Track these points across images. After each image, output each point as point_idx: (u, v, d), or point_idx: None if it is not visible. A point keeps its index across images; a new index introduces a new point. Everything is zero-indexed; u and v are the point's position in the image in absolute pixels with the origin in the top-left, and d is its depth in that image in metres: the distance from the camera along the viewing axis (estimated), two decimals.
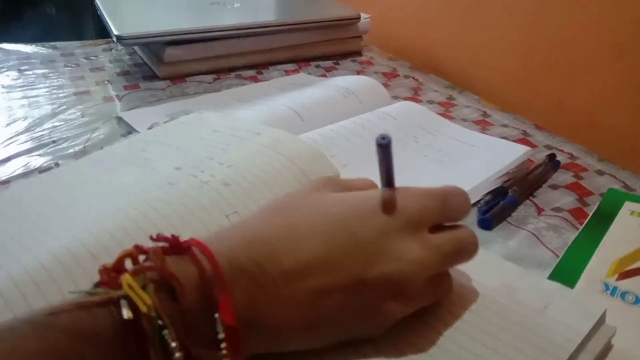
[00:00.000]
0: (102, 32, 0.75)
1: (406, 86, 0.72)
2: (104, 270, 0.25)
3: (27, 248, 0.34)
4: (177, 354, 0.22)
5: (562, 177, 0.52)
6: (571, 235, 0.43)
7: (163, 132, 0.50)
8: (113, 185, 0.41)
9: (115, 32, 0.66)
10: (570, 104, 0.70)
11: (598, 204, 0.47)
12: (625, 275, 0.38)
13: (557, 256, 0.40)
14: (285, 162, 0.43)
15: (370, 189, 0.32)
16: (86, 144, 0.53)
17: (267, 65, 0.75)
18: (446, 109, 0.66)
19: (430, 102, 0.68)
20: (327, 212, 0.29)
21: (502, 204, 0.45)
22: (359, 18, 0.80)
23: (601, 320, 0.30)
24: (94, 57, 0.75)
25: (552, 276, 0.38)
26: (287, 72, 0.74)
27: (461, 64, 0.84)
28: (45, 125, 0.56)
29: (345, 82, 0.64)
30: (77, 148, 0.52)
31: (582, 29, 0.66)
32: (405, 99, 0.66)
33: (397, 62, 0.81)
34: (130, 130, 0.56)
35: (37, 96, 0.63)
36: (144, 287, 0.23)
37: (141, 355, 0.22)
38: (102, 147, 0.51)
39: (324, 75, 0.74)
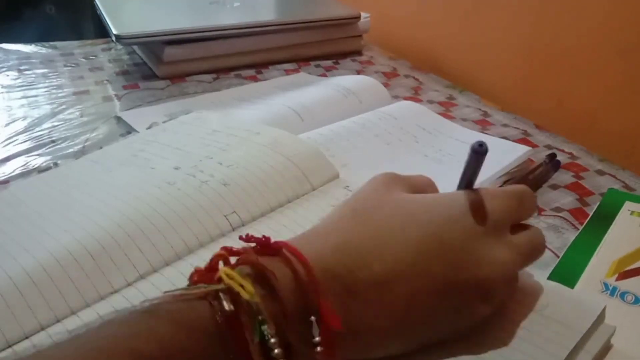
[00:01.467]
0: (102, 31, 0.75)
1: (406, 86, 0.72)
2: (196, 272, 0.24)
3: (26, 248, 0.34)
4: (277, 350, 0.22)
5: (563, 177, 0.52)
6: (571, 235, 0.43)
7: (162, 131, 0.50)
8: (112, 185, 0.41)
9: (114, 31, 0.65)
10: (571, 104, 0.70)
11: (598, 204, 0.47)
12: (625, 275, 0.38)
13: (557, 256, 0.40)
14: (285, 162, 0.43)
15: (430, 185, 0.34)
16: (85, 144, 0.53)
17: (266, 64, 0.75)
18: (446, 109, 0.66)
19: (430, 101, 0.68)
20: (414, 216, 0.28)
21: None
22: (359, 17, 0.80)
23: (600, 319, 0.30)
24: (93, 57, 0.75)
25: (552, 276, 0.38)
26: (286, 72, 0.74)
27: (462, 63, 0.84)
28: (45, 125, 0.56)
29: (345, 82, 0.64)
30: (76, 148, 0.52)
31: (583, 29, 0.66)
32: (406, 98, 0.66)
33: (397, 62, 0.81)
34: (129, 130, 0.56)
35: (36, 96, 0.62)
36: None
37: (240, 349, 0.22)
38: (101, 147, 0.51)
39: (324, 75, 0.74)
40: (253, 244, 0.26)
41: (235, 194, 0.39)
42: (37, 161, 0.50)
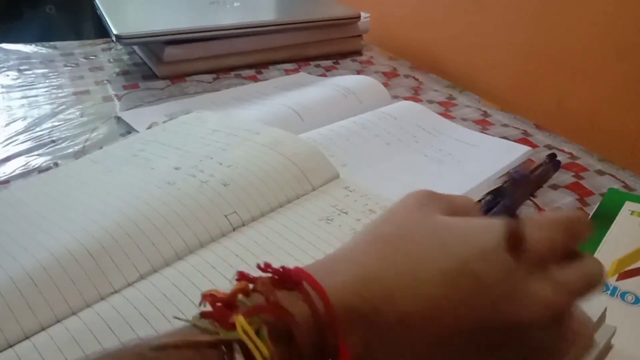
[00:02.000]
0: (102, 31, 0.75)
1: (406, 86, 0.72)
2: (210, 297, 0.23)
3: (27, 248, 0.34)
4: None
5: (563, 177, 0.52)
6: None
7: (162, 131, 0.50)
8: (112, 185, 0.41)
9: (114, 31, 0.65)
10: (571, 104, 0.70)
11: (598, 204, 0.47)
12: (626, 275, 0.38)
13: None
14: (285, 162, 0.43)
15: (473, 209, 0.30)
16: (85, 144, 0.53)
17: (266, 64, 0.75)
18: (446, 109, 0.66)
19: (430, 101, 0.68)
20: (446, 247, 0.26)
21: (502, 204, 0.45)
22: (359, 17, 0.80)
23: (601, 320, 0.30)
24: (93, 57, 0.75)
25: None
26: (286, 72, 0.74)
27: (462, 63, 0.84)
28: (45, 125, 0.56)
29: (345, 82, 0.64)
30: (76, 148, 0.52)
31: (583, 29, 0.66)
32: (406, 98, 0.66)
33: (397, 62, 0.81)
34: (129, 130, 0.56)
35: (36, 96, 0.62)
36: (257, 331, 0.21)
37: None
38: (101, 147, 0.51)
39: (324, 75, 0.74)
40: (270, 274, 0.24)
41: (235, 194, 0.39)
42: (37, 161, 0.50)
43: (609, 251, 0.40)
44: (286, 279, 0.24)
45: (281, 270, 0.24)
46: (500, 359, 0.25)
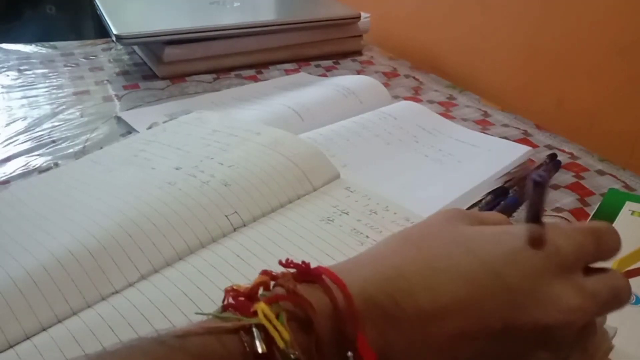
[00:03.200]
0: (102, 31, 0.75)
1: (406, 86, 0.72)
2: (232, 292, 0.23)
3: (27, 248, 0.34)
4: None
5: (563, 177, 0.52)
6: None
7: (162, 132, 0.50)
8: (112, 185, 0.41)
9: (114, 31, 0.65)
10: (571, 104, 0.70)
11: (599, 204, 0.47)
12: (626, 275, 0.37)
13: None
14: (285, 162, 0.43)
15: (507, 224, 0.30)
16: (86, 144, 0.53)
17: (266, 64, 0.75)
18: (447, 109, 0.66)
19: (430, 101, 0.68)
20: (469, 248, 0.26)
21: (503, 204, 0.45)
22: (359, 17, 0.80)
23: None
24: (93, 57, 0.75)
25: None
26: (287, 72, 0.74)
27: (462, 63, 0.84)
28: (45, 125, 0.56)
29: (345, 82, 0.64)
30: (76, 148, 0.52)
31: (583, 29, 0.66)
32: (406, 98, 0.66)
33: (397, 62, 0.81)
34: (129, 130, 0.56)
35: (36, 96, 0.62)
36: (277, 316, 0.22)
37: None
38: (101, 147, 0.51)
39: (324, 75, 0.74)
40: (292, 270, 0.24)
41: (236, 194, 0.39)
42: (37, 161, 0.50)
43: None
44: (306, 274, 0.24)
45: (303, 265, 0.24)
46: None
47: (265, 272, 0.24)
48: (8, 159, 0.50)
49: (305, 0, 0.87)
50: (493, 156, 0.51)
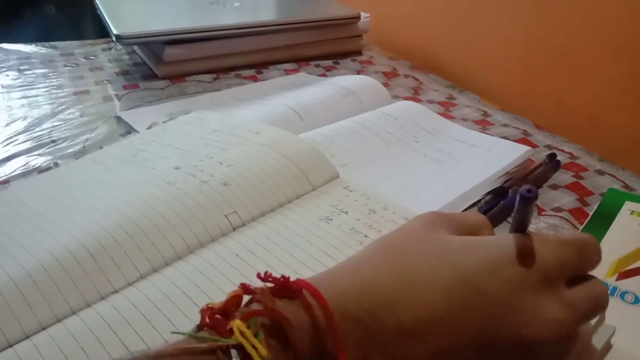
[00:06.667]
0: (102, 31, 0.75)
1: (406, 86, 0.72)
2: (208, 311, 0.23)
3: (27, 248, 0.34)
4: None
5: (563, 177, 0.52)
6: None
7: (162, 131, 0.50)
8: (112, 185, 0.41)
9: (114, 31, 0.65)
10: (571, 104, 0.70)
11: (598, 203, 0.47)
12: (625, 275, 0.38)
13: None
14: (285, 162, 0.43)
15: (483, 225, 0.30)
16: (85, 144, 0.53)
17: (266, 64, 0.75)
18: (446, 109, 0.66)
19: (430, 101, 0.68)
20: (450, 260, 0.25)
21: (502, 204, 0.45)
22: (359, 17, 0.80)
23: (600, 320, 0.30)
24: (93, 57, 0.75)
25: None
26: (286, 72, 0.74)
27: (461, 63, 0.84)
28: (45, 125, 0.56)
29: (345, 82, 0.64)
30: (76, 148, 0.52)
31: (583, 29, 0.66)
32: (406, 98, 0.66)
33: (397, 62, 0.81)
34: (129, 130, 0.56)
35: (36, 96, 0.62)
36: (255, 335, 0.21)
37: None
38: (101, 147, 0.51)
39: (324, 75, 0.74)
40: (271, 284, 0.24)
41: (235, 194, 0.39)
42: (37, 161, 0.50)
43: (609, 251, 0.40)
44: (286, 288, 0.23)
45: (281, 279, 0.24)
46: None
47: (244, 287, 0.24)
48: (8, 159, 0.50)
49: (305, 0, 0.87)
50: (492, 156, 0.51)
